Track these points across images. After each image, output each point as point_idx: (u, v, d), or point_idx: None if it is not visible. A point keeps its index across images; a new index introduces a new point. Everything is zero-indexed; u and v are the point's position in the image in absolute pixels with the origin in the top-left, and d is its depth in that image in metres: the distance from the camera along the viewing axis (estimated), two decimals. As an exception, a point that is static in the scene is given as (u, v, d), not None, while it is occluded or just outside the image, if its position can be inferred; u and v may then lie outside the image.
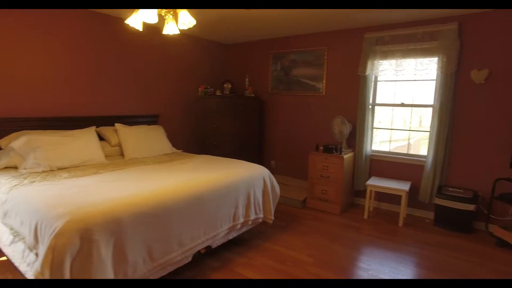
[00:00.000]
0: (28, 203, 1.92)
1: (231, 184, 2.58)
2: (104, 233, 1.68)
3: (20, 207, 1.95)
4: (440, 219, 3.36)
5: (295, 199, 3.98)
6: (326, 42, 4.18)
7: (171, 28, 2.23)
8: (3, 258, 2.39)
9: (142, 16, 1.98)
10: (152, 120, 4.09)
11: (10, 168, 2.63)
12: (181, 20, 2.12)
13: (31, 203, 1.90)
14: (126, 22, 2.14)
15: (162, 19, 2.28)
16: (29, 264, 1.77)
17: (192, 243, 2.20)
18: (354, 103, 3.98)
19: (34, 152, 2.62)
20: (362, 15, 3.36)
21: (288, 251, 2.75)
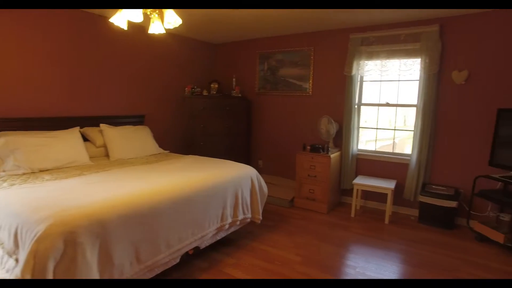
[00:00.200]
0: (7, 207, 1.85)
1: (219, 185, 2.57)
2: (89, 235, 1.64)
3: (-1, 211, 1.89)
4: (424, 216, 3.44)
5: (283, 198, 4.00)
6: (312, 42, 4.21)
7: (157, 28, 2.20)
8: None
9: (127, 14, 1.95)
10: (138, 120, 4.03)
11: (-11, 171, 2.53)
12: (166, 20, 2.09)
13: (11, 206, 1.83)
14: (110, 20, 2.10)
15: (147, 18, 2.25)
16: (8, 270, 1.71)
17: (180, 244, 2.18)
18: (341, 103, 4.03)
19: (14, 154, 2.54)
20: (347, 15, 3.41)
21: (276, 250, 2.76)
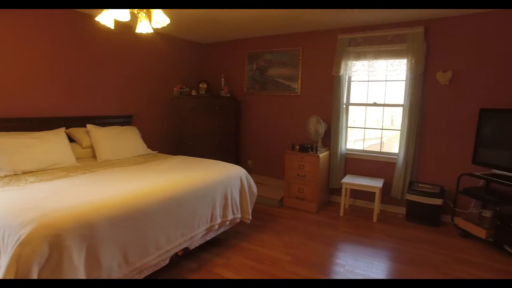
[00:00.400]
0: (-11, 210, 1.80)
1: (208, 185, 2.56)
2: (76, 238, 1.61)
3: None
4: (411, 214, 3.51)
5: (272, 198, 4.01)
6: (301, 42, 4.24)
7: (145, 27, 2.17)
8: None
9: (113, 13, 1.92)
10: (125, 120, 3.97)
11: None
12: (154, 19, 2.07)
13: (-6, 209, 1.78)
14: (96, 19, 2.06)
15: (135, 17, 2.22)
16: (-10, 275, 1.66)
17: (169, 245, 2.16)
18: (329, 103, 4.07)
19: (-4, 155, 2.47)
20: (334, 16, 3.44)
21: (266, 250, 2.77)
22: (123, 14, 1.93)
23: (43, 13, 3.08)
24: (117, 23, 2.36)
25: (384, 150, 3.98)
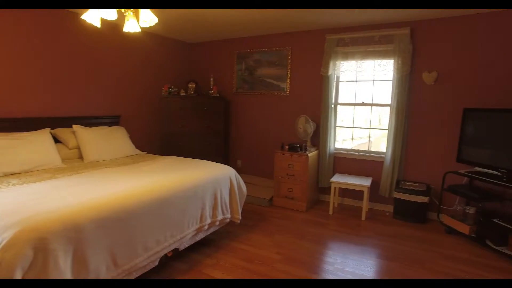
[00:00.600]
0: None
1: (197, 185, 2.54)
2: (61, 241, 1.57)
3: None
4: (399, 212, 3.57)
5: (262, 198, 4.01)
6: (289, 42, 4.26)
7: (132, 26, 2.14)
8: None
9: (100, 11, 1.88)
10: (113, 121, 3.91)
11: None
12: (142, 18, 2.05)
13: (-25, 213, 1.73)
14: (82, 17, 2.02)
15: (122, 15, 2.19)
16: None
17: (158, 246, 2.14)
18: (318, 103, 4.10)
19: (-22, 157, 2.39)
20: (322, 16, 3.47)
21: (256, 249, 2.77)
22: (110, 13, 1.89)
23: (28, 12, 3.01)
24: (104, 22, 2.32)
25: (372, 149, 4.04)
